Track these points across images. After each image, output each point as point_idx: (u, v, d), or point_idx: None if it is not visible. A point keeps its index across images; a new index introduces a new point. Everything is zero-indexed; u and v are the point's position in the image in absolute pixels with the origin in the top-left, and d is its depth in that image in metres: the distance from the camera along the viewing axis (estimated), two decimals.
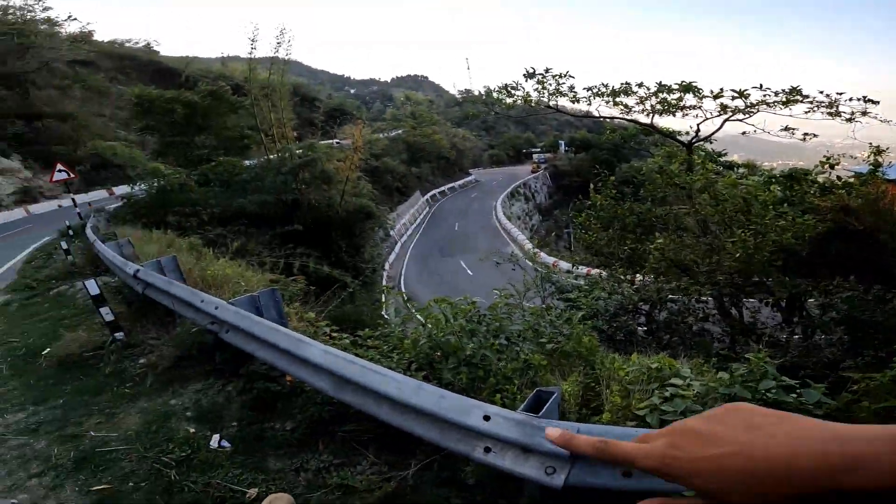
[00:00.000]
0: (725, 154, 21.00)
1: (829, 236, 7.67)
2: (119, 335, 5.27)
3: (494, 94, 14.67)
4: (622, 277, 8.59)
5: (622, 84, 12.95)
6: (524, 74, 14.02)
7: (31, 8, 32.48)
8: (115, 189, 27.83)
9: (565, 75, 13.42)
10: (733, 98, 11.66)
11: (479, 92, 16.82)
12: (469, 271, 29.69)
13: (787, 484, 0.35)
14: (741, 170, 19.19)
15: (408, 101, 75.41)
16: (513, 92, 14.65)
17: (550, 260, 20.20)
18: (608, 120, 17.47)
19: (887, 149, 8.91)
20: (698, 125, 12.85)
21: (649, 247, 8.68)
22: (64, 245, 10.93)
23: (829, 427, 0.37)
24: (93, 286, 5.24)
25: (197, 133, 21.90)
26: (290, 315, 5.15)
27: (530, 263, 10.42)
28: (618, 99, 13.28)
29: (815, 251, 7.70)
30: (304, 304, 6.74)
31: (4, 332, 6.66)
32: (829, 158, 9.44)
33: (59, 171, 16.14)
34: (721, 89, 11.75)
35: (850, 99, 10.89)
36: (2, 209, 24.37)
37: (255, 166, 21.31)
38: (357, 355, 3.16)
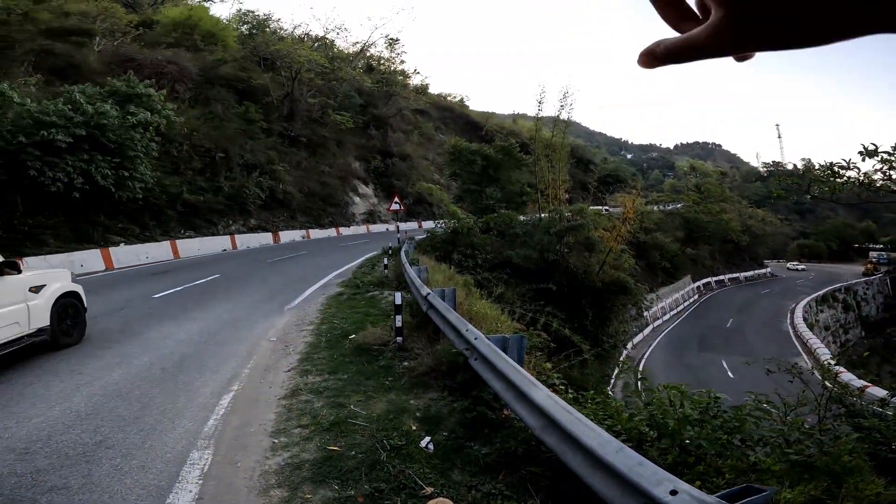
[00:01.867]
0: None
1: None
2: (399, 339, 6.90)
3: (816, 171, 12.01)
4: None
5: None
6: (860, 152, 11.09)
7: (392, 60, 42.74)
8: (423, 223, 34.52)
9: None
10: None
11: (794, 165, 14.02)
12: (730, 373, 24.66)
13: None
14: None
15: (693, 171, 67.95)
16: (842, 172, 11.71)
17: (858, 383, 14.83)
18: None
19: None
20: None
21: None
22: (385, 262, 14.66)
23: None
24: (398, 298, 7.08)
25: (488, 184, 24.90)
26: (527, 362, 5.73)
27: (820, 379, 8.09)
28: None
29: None
30: (539, 357, 7.24)
31: (334, 314, 9.05)
32: None
33: (395, 203, 21.79)
34: None
35: None
36: (355, 224, 33.45)
37: (528, 222, 22.92)
38: (576, 409, 3.41)
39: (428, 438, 4.08)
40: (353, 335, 7.43)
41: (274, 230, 26.49)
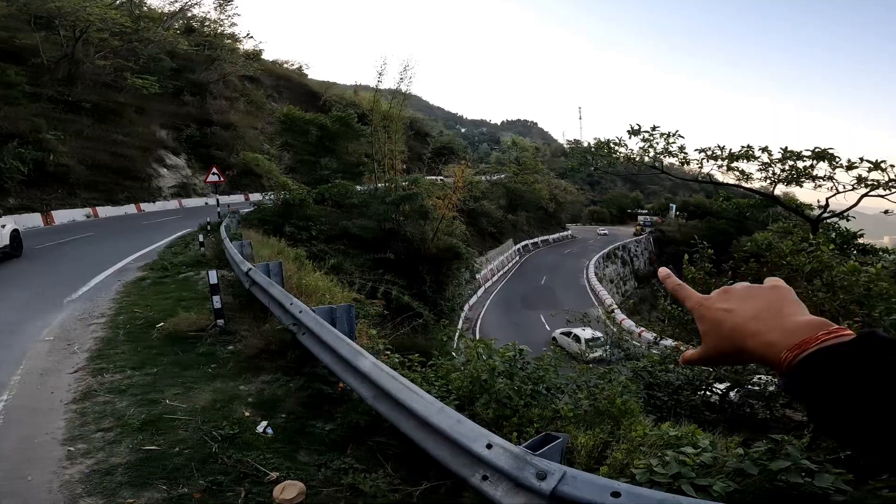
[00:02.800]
0: (862, 234, 18.31)
1: None
2: (220, 322, 6.19)
3: (594, 150, 14.44)
4: None
5: (742, 148, 12.09)
6: (628, 131, 13.57)
7: (221, 22, 38.15)
8: (251, 195, 31.51)
9: (674, 134, 12.88)
10: (870, 170, 10.29)
11: (589, 143, 16.64)
12: (547, 326, 28.93)
13: (736, 344, 0.54)
14: (892, 256, 16.54)
15: (514, 145, 75.80)
16: (615, 148, 14.20)
17: (635, 328, 19.03)
18: (721, 187, 16.34)
19: None
20: (827, 199, 11.48)
21: None
22: (200, 238, 12.90)
23: (790, 322, 0.52)
24: (213, 276, 6.27)
25: (324, 155, 24.04)
26: (360, 332, 5.69)
27: (613, 328, 10.05)
28: (734, 164, 12.35)
29: None
30: (377, 326, 7.29)
31: (133, 303, 7.94)
32: None
33: (213, 174, 19.42)
34: (861, 159, 10.43)
35: None
36: (162, 199, 28.95)
37: (365, 192, 22.88)
38: (402, 375, 3.50)
39: (265, 423, 3.85)
40: (162, 323, 6.47)
41: (45, 210, 21.10)
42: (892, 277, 8.42)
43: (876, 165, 9.90)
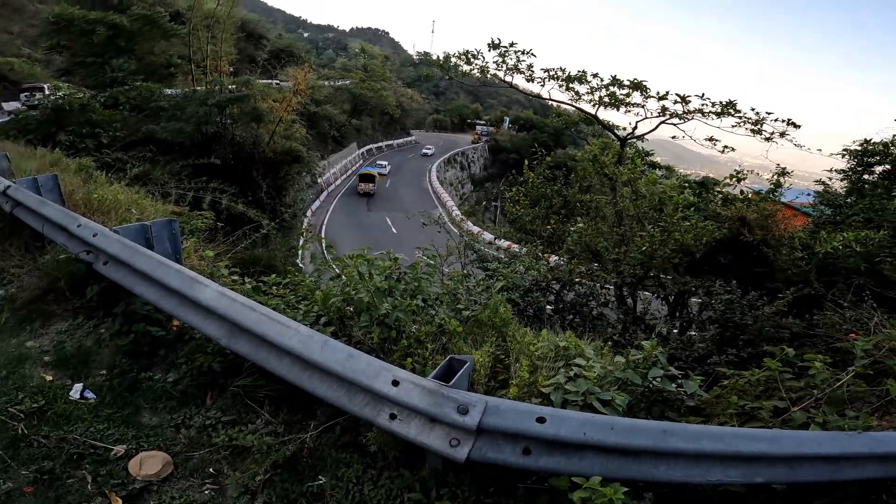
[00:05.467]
0: (653, 154, 22.23)
1: (722, 243, 8.46)
2: None
3: (453, 60, 14.23)
4: (540, 255, 8.92)
5: (578, 72, 13.08)
6: (488, 44, 13.74)
7: None
8: (4, 105, 24.41)
9: (528, 52, 13.30)
10: (675, 102, 12.14)
11: (438, 56, 16.34)
12: (394, 229, 29.63)
13: None
14: (661, 171, 20.53)
15: (363, 52, 72.57)
16: (472, 60, 14.29)
17: (475, 229, 20.63)
18: (555, 104, 17.63)
19: (791, 172, 9.79)
20: (636, 123, 13.30)
21: (570, 229, 9.05)
22: None
23: None
24: None
25: (116, 55, 21.00)
26: (188, 252, 4.65)
27: (455, 229, 10.49)
28: (571, 85, 13.38)
29: (707, 254, 8.48)
30: (209, 241, 6.14)
31: None
32: (738, 173, 10.27)
33: None
34: (667, 92, 12.18)
35: (776, 119, 11.57)
36: None
37: (178, 95, 20.28)
38: (260, 303, 2.90)
39: (79, 386, 3.03)
40: None
41: None
42: (679, 188, 10.46)
43: (682, 99, 11.68)
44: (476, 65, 13.89)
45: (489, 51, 13.46)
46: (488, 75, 13.78)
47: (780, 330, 5.57)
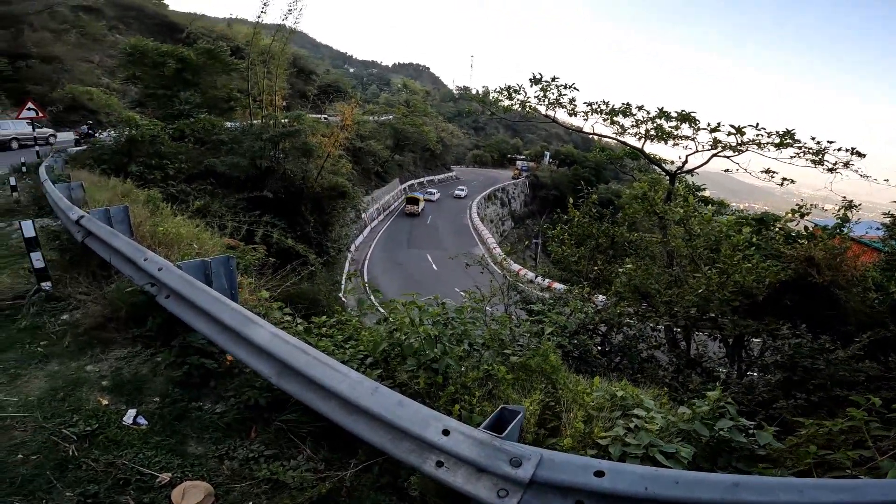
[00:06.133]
0: (704, 188, 21.36)
1: (787, 284, 7.90)
2: (46, 285, 4.79)
3: (493, 95, 14.47)
4: (586, 296, 8.63)
5: (623, 104, 12.90)
6: (530, 79, 13.81)
7: None
8: (58, 134, 27.04)
9: (570, 87, 13.31)
10: (728, 134, 11.61)
11: (477, 91, 16.65)
12: (434, 266, 29.70)
13: None
14: (713, 207, 19.64)
15: (405, 88, 75.69)
16: (514, 95, 14.46)
17: (516, 268, 20.38)
18: (599, 138, 17.42)
19: (860, 205, 9.04)
20: (686, 156, 12.85)
21: (618, 270, 8.73)
22: (12, 181, 10.08)
23: None
24: (28, 227, 4.74)
25: (184, 88, 21.67)
26: (241, 286, 4.82)
27: (497, 269, 10.37)
28: (615, 118, 13.20)
29: (771, 296, 7.92)
30: (260, 276, 6.38)
31: None
32: (800, 207, 9.44)
33: (29, 108, 15.93)
34: (718, 123, 11.68)
35: (839, 149, 10.48)
36: None
37: (237, 129, 21.15)
38: (310, 344, 2.93)
39: (133, 412, 3.11)
40: None
41: None
42: (737, 225, 9.91)
43: (737, 130, 11.15)
44: (517, 99, 14.00)
45: (531, 86, 13.56)
46: (528, 108, 13.83)
47: (856, 374, 5.12)
